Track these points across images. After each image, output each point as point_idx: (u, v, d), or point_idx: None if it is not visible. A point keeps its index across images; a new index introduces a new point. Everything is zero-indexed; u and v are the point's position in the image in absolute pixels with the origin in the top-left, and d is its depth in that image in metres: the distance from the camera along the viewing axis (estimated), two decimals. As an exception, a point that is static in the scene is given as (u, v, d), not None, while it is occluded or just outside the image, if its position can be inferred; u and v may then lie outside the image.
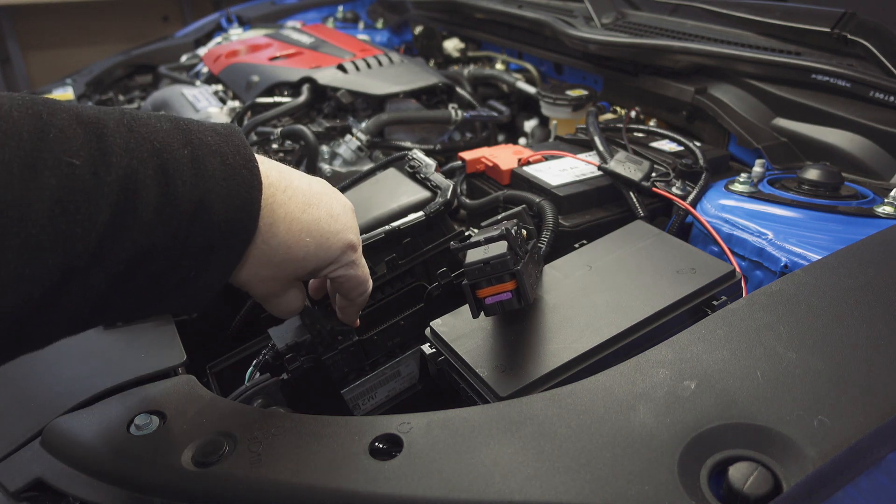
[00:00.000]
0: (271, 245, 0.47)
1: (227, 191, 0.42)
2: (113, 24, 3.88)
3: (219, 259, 0.43)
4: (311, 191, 0.50)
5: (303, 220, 0.48)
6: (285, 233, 0.47)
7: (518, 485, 0.37)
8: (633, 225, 0.71)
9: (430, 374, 0.59)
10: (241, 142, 0.45)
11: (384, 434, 0.42)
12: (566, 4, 1.37)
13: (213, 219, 0.41)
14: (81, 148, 0.36)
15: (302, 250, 0.48)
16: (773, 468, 0.36)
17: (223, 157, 0.43)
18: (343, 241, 0.51)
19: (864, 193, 0.77)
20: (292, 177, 0.50)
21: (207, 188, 0.41)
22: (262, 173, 0.45)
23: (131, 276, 0.39)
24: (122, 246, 0.37)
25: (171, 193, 0.39)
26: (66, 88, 1.58)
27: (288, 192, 0.48)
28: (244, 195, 0.43)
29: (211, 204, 0.41)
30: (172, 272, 0.41)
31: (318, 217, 0.49)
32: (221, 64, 1.48)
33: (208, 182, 0.41)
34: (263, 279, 0.49)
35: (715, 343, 0.46)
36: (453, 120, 1.17)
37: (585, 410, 0.42)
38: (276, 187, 0.47)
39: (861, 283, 0.51)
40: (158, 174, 0.39)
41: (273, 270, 0.48)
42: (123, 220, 0.37)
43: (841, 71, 0.88)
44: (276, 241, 0.47)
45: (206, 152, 0.42)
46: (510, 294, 0.51)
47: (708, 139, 1.03)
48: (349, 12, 2.13)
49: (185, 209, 0.40)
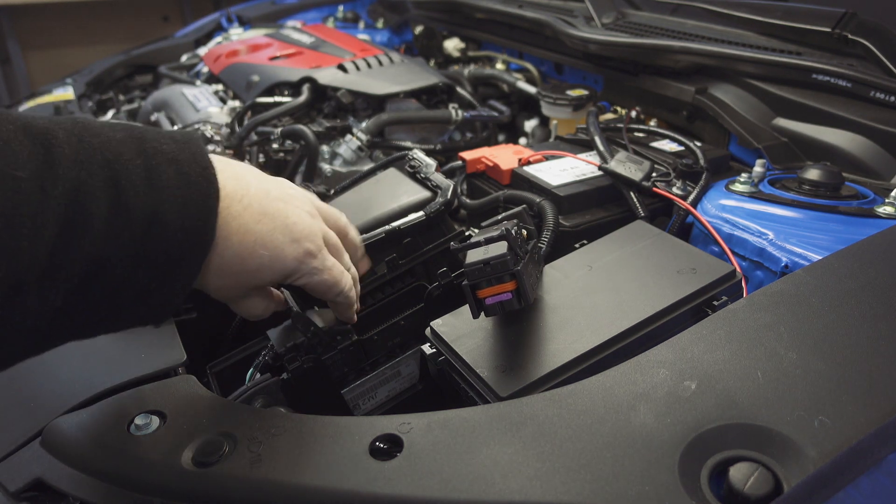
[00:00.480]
0: (225, 257, 0.46)
1: (182, 200, 0.42)
2: (113, 24, 3.88)
3: (177, 269, 0.43)
4: (269, 198, 0.50)
5: (256, 232, 0.48)
6: (239, 245, 0.47)
7: (518, 485, 0.37)
8: (633, 225, 0.71)
9: (430, 374, 0.59)
10: (199, 149, 0.45)
11: (384, 434, 0.42)
12: (566, 4, 1.37)
13: (169, 229, 0.41)
14: (27, 160, 0.36)
15: (256, 262, 0.48)
16: (774, 468, 0.36)
17: (179, 165, 0.42)
18: (299, 251, 0.51)
19: (864, 193, 0.77)
20: (249, 184, 0.49)
21: (162, 198, 0.41)
22: (220, 182, 0.45)
23: (88, 290, 0.38)
24: (74, 259, 0.37)
25: (122, 204, 0.39)
26: (67, 88, 1.58)
27: (244, 202, 0.47)
28: (200, 204, 0.43)
29: (165, 214, 0.41)
30: (130, 284, 0.41)
31: (272, 228, 0.49)
32: (222, 64, 1.48)
33: (163, 192, 0.41)
34: (220, 287, 0.49)
35: (715, 343, 0.46)
36: (453, 120, 1.17)
37: (586, 411, 0.41)
38: (233, 198, 0.47)
39: (862, 283, 0.51)
40: (109, 185, 0.38)
41: (229, 280, 0.48)
42: (73, 233, 0.37)
43: (841, 71, 0.88)
44: (230, 253, 0.47)
45: (160, 161, 0.42)
46: (510, 294, 0.51)
47: (708, 139, 1.03)
48: (349, 12, 2.13)
49: (138, 220, 0.39)
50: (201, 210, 0.43)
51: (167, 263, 0.42)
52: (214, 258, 0.46)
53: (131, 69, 1.81)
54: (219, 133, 1.11)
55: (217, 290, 0.50)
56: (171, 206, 0.41)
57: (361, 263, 0.65)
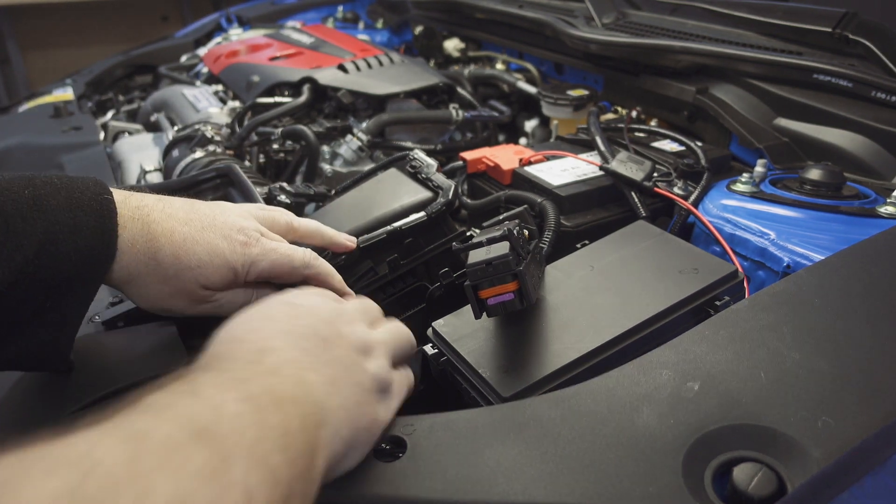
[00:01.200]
0: (159, 259, 0.49)
1: (73, 222, 0.44)
2: (112, 25, 3.88)
3: (72, 289, 0.45)
4: (194, 207, 0.53)
5: (184, 231, 0.50)
6: (169, 245, 0.49)
7: (522, 486, 0.37)
8: (634, 225, 0.71)
9: (432, 375, 0.59)
10: (93, 180, 0.48)
11: (388, 436, 0.42)
12: (567, 4, 1.37)
13: (62, 251, 0.44)
14: None
15: (192, 258, 0.50)
16: (778, 469, 0.36)
17: (70, 191, 0.46)
18: (233, 243, 0.52)
19: (866, 193, 0.77)
20: (173, 200, 0.53)
21: (51, 221, 0.44)
22: (137, 198, 0.49)
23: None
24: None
25: (11, 230, 0.42)
26: (66, 89, 1.58)
27: (166, 211, 0.51)
28: (94, 227, 0.45)
29: (57, 237, 0.43)
30: (26, 305, 0.43)
31: (200, 227, 0.52)
32: (221, 64, 1.48)
33: (52, 215, 0.44)
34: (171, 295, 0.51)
35: (718, 344, 0.46)
36: (454, 120, 1.17)
37: (589, 412, 0.41)
38: (152, 207, 0.50)
39: (864, 283, 0.51)
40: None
41: (176, 283, 0.50)
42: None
43: (842, 71, 0.88)
44: (163, 255, 0.49)
45: (49, 191, 0.45)
46: (512, 295, 0.51)
47: (709, 139, 1.03)
48: (349, 12, 2.12)
49: (28, 244, 0.42)
50: (95, 231, 0.45)
51: (63, 283, 0.45)
52: (148, 263, 0.49)
53: (131, 69, 1.81)
54: (219, 133, 1.10)
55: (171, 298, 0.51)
56: (62, 227, 0.44)
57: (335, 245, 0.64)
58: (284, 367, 0.37)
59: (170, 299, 0.52)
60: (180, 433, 0.28)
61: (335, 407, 0.38)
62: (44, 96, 1.54)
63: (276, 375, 0.36)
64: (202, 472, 0.27)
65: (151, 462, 0.26)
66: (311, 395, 0.36)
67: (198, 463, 0.27)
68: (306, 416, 0.35)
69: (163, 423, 0.29)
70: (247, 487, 0.28)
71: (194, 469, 0.27)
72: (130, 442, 0.27)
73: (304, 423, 0.34)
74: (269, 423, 0.32)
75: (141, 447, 0.27)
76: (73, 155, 1.09)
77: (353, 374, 0.41)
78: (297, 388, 0.36)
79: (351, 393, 0.40)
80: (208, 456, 0.28)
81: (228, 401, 0.31)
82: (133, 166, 1.12)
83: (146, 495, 0.25)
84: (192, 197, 0.78)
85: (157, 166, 1.09)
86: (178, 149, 1.07)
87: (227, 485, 0.28)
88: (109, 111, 1.58)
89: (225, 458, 0.28)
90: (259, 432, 0.31)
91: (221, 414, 0.30)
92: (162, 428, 0.28)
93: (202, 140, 1.06)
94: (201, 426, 0.29)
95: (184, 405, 0.31)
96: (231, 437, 0.29)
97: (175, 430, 0.28)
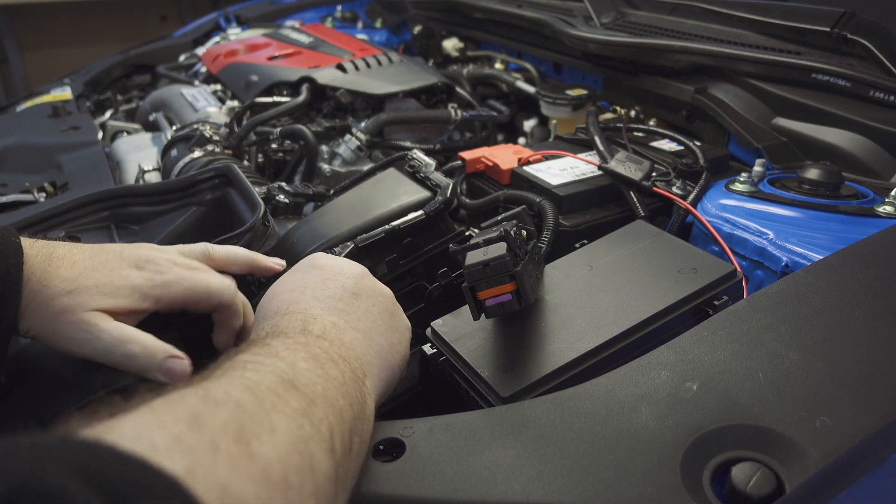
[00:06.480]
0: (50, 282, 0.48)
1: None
2: (111, 24, 3.88)
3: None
4: (103, 247, 0.53)
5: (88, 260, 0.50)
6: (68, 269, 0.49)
7: (521, 487, 0.37)
8: (633, 225, 0.71)
9: (431, 375, 0.59)
10: None
11: (386, 438, 0.42)
12: (566, 4, 1.37)
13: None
14: None
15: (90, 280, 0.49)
16: (776, 469, 0.36)
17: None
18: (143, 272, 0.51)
19: (864, 193, 0.77)
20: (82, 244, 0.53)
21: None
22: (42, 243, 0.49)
23: None
24: None
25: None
26: (64, 88, 1.57)
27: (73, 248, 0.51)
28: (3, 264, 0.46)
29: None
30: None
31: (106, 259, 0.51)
32: (220, 63, 1.48)
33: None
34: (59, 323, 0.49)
35: (716, 344, 0.46)
36: (453, 119, 1.17)
37: (587, 413, 0.41)
38: (57, 245, 0.50)
39: (862, 283, 0.51)
40: None
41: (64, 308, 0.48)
42: None
43: (841, 70, 0.88)
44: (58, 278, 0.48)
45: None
46: (510, 295, 0.51)
47: (708, 139, 1.03)
48: (348, 12, 2.12)
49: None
50: None
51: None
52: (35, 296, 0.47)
53: (129, 69, 1.80)
54: (217, 133, 1.10)
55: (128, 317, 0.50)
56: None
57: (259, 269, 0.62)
58: (329, 332, 0.45)
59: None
60: (278, 383, 0.35)
61: (373, 356, 0.47)
62: (42, 96, 1.53)
63: (325, 339, 0.44)
64: (299, 411, 0.34)
65: (269, 404, 0.33)
66: (353, 352, 0.45)
67: (295, 405, 0.34)
68: (355, 369, 0.43)
69: (264, 376, 0.36)
70: (329, 423, 0.35)
71: (294, 410, 0.34)
72: (250, 389, 0.34)
73: (354, 375, 0.42)
74: (331, 375, 0.39)
75: (259, 393, 0.34)
76: (71, 154, 1.09)
77: (381, 321, 0.50)
78: (342, 348, 0.44)
79: (383, 339, 0.49)
80: (300, 399, 0.35)
81: (299, 360, 0.39)
82: (131, 166, 1.12)
83: (274, 429, 0.32)
84: (191, 197, 0.79)
85: (155, 166, 1.09)
86: (176, 148, 1.07)
87: (317, 421, 0.35)
88: (108, 111, 1.58)
89: (311, 401, 0.36)
90: (326, 382, 0.38)
91: (297, 369, 0.38)
92: (265, 379, 0.35)
93: (201, 140, 1.06)
94: (288, 378, 0.36)
95: (271, 363, 0.38)
96: (309, 386, 0.37)
97: (273, 381, 0.35)
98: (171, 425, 0.29)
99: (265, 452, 0.30)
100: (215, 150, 1.04)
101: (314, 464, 0.33)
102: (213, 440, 0.29)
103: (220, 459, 0.28)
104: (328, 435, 0.35)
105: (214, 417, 0.31)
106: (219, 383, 0.34)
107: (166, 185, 0.78)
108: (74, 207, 0.73)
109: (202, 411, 0.31)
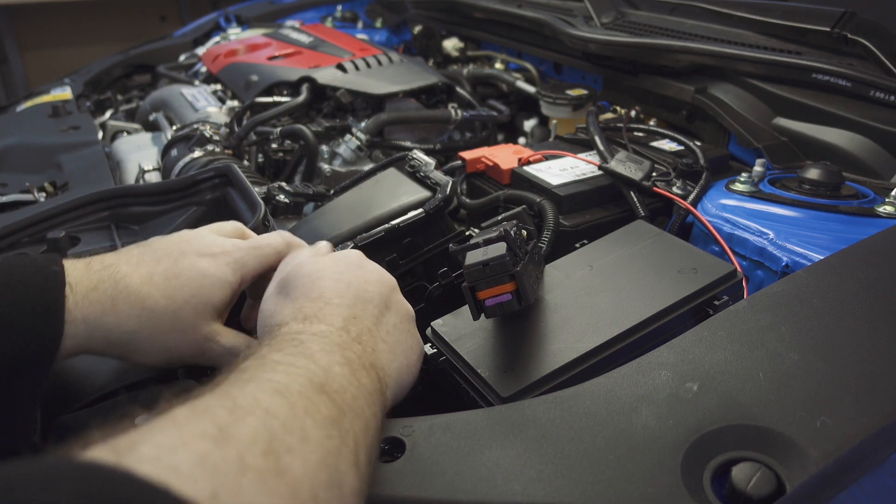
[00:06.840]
0: (149, 307, 0.48)
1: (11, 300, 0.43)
2: (111, 24, 3.88)
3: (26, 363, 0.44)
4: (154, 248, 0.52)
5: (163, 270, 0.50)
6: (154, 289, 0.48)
7: (521, 487, 0.37)
8: (633, 225, 0.71)
9: (431, 375, 0.59)
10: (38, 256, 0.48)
11: (387, 437, 0.41)
12: (566, 4, 1.37)
13: (15, 328, 0.43)
14: None
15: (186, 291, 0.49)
16: (776, 469, 0.36)
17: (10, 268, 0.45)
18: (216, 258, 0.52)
19: (864, 193, 0.77)
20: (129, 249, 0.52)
21: None
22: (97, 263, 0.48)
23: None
24: None
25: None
26: (64, 88, 1.57)
27: (132, 260, 0.50)
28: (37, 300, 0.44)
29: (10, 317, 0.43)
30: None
31: (175, 259, 0.50)
32: (220, 63, 1.48)
33: None
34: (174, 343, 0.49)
35: (717, 344, 0.46)
36: (453, 119, 1.17)
37: (588, 413, 0.41)
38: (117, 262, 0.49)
39: (863, 283, 0.51)
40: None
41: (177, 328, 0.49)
42: None
43: (841, 70, 0.88)
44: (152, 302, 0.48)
45: None
46: (510, 295, 0.51)
47: (708, 139, 1.03)
48: (348, 12, 2.12)
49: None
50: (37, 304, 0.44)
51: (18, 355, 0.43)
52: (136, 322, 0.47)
53: (129, 69, 1.80)
54: (217, 133, 1.10)
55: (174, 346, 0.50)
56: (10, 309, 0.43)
57: None
58: (364, 336, 0.45)
59: (173, 349, 0.50)
60: (309, 388, 0.35)
61: (393, 371, 0.46)
62: (42, 96, 1.53)
63: (360, 344, 0.43)
64: (329, 419, 0.34)
65: (300, 410, 0.33)
66: (380, 362, 0.44)
67: (325, 413, 0.34)
68: (380, 380, 0.42)
69: (294, 379, 0.35)
70: (354, 433, 0.35)
71: (324, 418, 0.33)
72: (280, 394, 0.33)
73: (380, 385, 0.42)
74: (361, 383, 0.39)
75: (289, 399, 0.33)
76: (71, 154, 1.09)
77: (403, 339, 0.49)
78: (373, 356, 0.44)
79: (404, 358, 0.48)
80: (330, 406, 0.35)
81: (333, 364, 0.39)
82: (131, 166, 1.12)
83: (306, 437, 0.31)
84: (191, 197, 0.79)
85: (155, 166, 1.09)
86: (176, 148, 1.07)
87: (345, 431, 0.34)
88: (108, 111, 1.58)
89: (340, 409, 0.35)
90: (356, 390, 0.38)
91: (330, 374, 0.37)
92: (296, 383, 0.35)
93: (201, 139, 1.06)
94: (320, 383, 0.36)
95: (303, 365, 0.37)
96: (340, 393, 0.36)
97: (304, 385, 0.35)
98: (195, 442, 0.28)
99: (295, 467, 0.30)
100: (215, 150, 1.04)
101: (342, 479, 0.32)
102: (240, 455, 0.28)
103: (246, 479, 0.27)
104: (353, 447, 0.34)
105: (242, 429, 0.30)
106: (247, 389, 0.33)
107: (166, 185, 0.78)
108: (74, 207, 0.73)
109: (229, 423, 0.30)
